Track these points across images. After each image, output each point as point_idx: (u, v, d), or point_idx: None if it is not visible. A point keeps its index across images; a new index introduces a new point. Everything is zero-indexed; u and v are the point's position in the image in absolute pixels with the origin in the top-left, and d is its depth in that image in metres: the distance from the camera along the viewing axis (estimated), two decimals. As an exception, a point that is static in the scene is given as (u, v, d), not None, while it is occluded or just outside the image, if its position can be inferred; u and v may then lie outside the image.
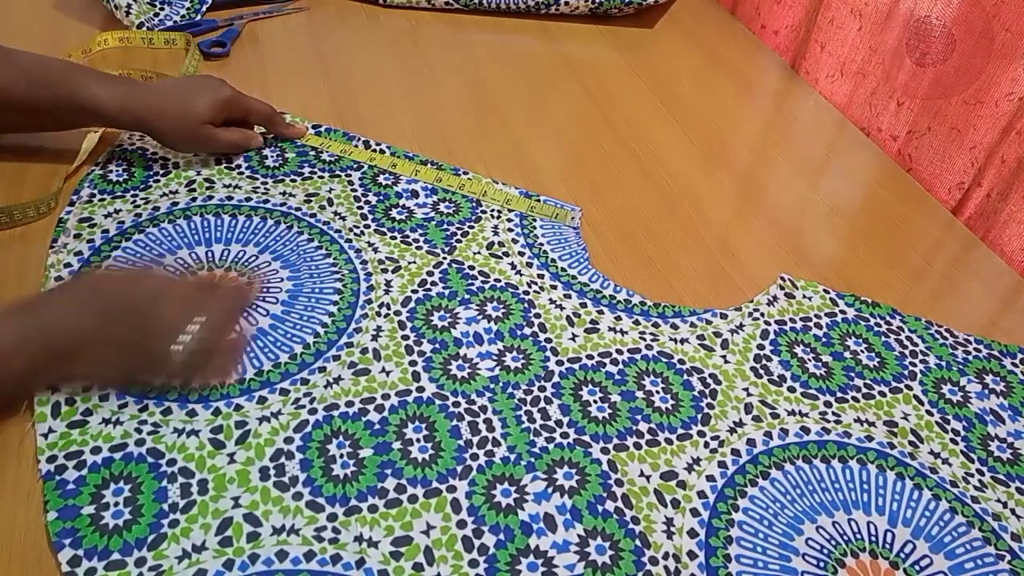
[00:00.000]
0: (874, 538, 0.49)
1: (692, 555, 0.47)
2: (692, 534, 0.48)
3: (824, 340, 0.62)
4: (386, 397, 0.53)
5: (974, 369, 0.61)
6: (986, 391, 0.59)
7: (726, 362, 0.59)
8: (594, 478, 0.50)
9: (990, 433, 0.56)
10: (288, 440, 0.50)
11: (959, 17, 0.75)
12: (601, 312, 0.61)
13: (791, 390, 0.57)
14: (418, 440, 0.51)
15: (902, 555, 0.49)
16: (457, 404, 0.54)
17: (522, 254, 0.66)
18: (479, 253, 0.65)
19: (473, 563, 0.46)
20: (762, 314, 0.63)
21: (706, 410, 0.55)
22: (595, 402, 0.55)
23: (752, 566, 0.47)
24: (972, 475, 0.54)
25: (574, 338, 0.59)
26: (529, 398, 0.55)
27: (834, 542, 0.49)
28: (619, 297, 0.63)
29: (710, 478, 0.51)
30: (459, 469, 0.50)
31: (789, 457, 0.53)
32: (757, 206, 0.75)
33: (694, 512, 0.49)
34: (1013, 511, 0.52)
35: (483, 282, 0.63)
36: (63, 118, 0.67)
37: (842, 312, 0.64)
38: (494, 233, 0.67)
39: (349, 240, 0.64)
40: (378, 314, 0.59)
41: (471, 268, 0.64)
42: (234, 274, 0.60)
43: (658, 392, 0.56)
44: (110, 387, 0.51)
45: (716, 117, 0.85)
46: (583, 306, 0.62)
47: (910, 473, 0.53)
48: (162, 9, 0.88)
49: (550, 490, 0.50)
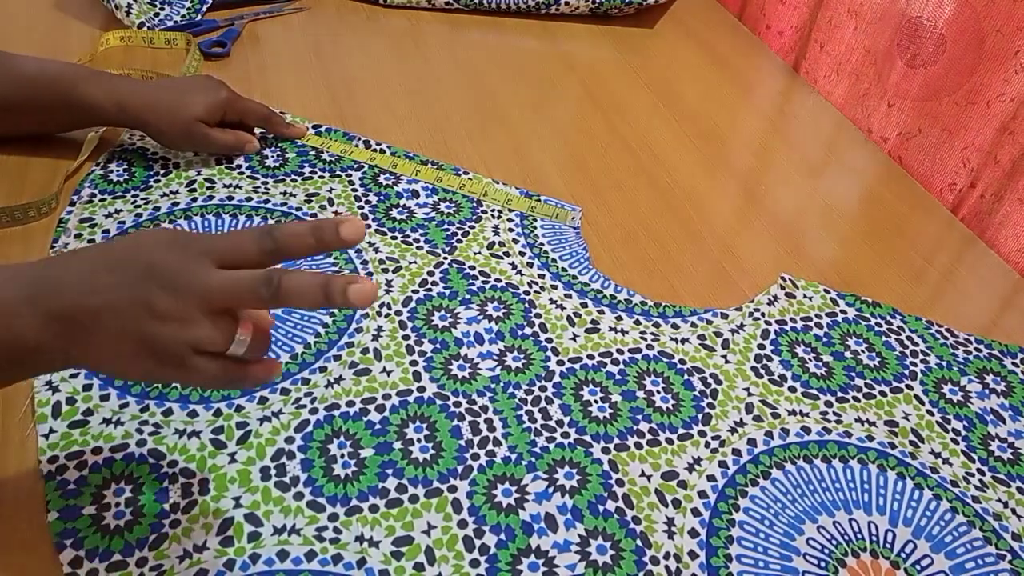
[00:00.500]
0: (875, 538, 0.49)
1: (693, 555, 0.47)
2: (693, 534, 0.48)
3: (825, 340, 0.62)
4: (387, 397, 0.53)
5: (975, 369, 0.61)
6: (987, 391, 0.59)
7: (727, 362, 0.59)
8: (595, 478, 0.50)
9: (991, 433, 0.56)
10: (289, 440, 0.50)
11: (950, 18, 0.75)
12: (602, 312, 0.61)
13: (792, 390, 0.58)
14: (419, 440, 0.51)
15: (903, 555, 0.49)
16: (458, 404, 0.54)
17: (523, 254, 0.66)
18: (480, 253, 0.65)
19: (474, 563, 0.46)
20: (763, 314, 0.63)
21: (707, 410, 0.55)
22: (596, 402, 0.55)
23: (753, 566, 0.47)
24: (973, 475, 0.54)
25: (575, 338, 0.59)
26: (530, 398, 0.55)
27: (835, 542, 0.49)
28: (620, 297, 0.63)
29: (711, 478, 0.51)
30: (460, 469, 0.50)
31: (790, 457, 0.53)
32: (758, 206, 0.75)
33: (695, 512, 0.49)
34: (1014, 511, 0.52)
35: (484, 282, 0.63)
36: (61, 119, 0.67)
37: (843, 312, 0.64)
38: (495, 233, 0.67)
39: (350, 240, 0.64)
40: (379, 314, 0.59)
41: (472, 268, 0.64)
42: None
43: (659, 392, 0.56)
44: (128, 379, 0.46)
45: (716, 117, 0.85)
46: (584, 306, 0.62)
47: (911, 473, 0.53)
48: (162, 9, 0.88)
49: (551, 490, 0.50)
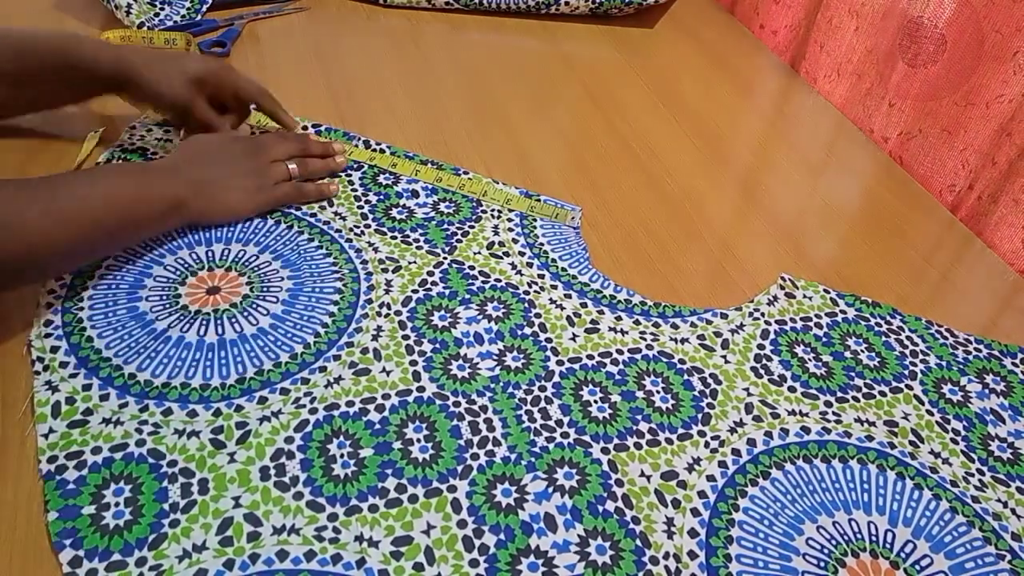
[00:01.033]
0: (874, 538, 0.49)
1: (693, 555, 0.47)
2: (693, 534, 0.48)
3: (824, 340, 0.62)
4: (386, 397, 0.53)
5: (974, 369, 0.61)
6: (986, 391, 0.59)
7: (726, 362, 0.59)
8: (594, 478, 0.50)
9: (990, 433, 0.56)
10: (289, 440, 0.50)
11: (951, 19, 0.75)
12: (601, 312, 0.61)
13: (791, 390, 0.57)
14: (418, 440, 0.51)
15: (902, 555, 0.49)
16: (457, 404, 0.54)
17: (522, 254, 0.66)
18: (479, 253, 0.65)
19: (473, 563, 0.46)
20: (762, 314, 0.63)
21: (706, 410, 0.55)
22: (595, 402, 0.55)
23: (752, 566, 0.47)
24: (972, 475, 0.54)
25: (574, 338, 0.59)
26: (529, 398, 0.55)
27: (834, 542, 0.49)
28: (619, 297, 0.63)
29: (710, 478, 0.51)
30: (459, 469, 0.50)
31: (789, 457, 0.53)
32: (757, 206, 0.75)
33: (695, 512, 0.49)
34: (1013, 511, 0.52)
35: (483, 282, 0.63)
36: (57, 87, 0.65)
37: (842, 312, 0.64)
38: (494, 233, 0.67)
39: (349, 240, 0.64)
40: (378, 314, 0.59)
41: (471, 268, 0.64)
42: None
43: (658, 392, 0.56)
44: (239, 217, 0.64)
45: (716, 117, 0.85)
46: (583, 306, 0.62)
47: (910, 473, 0.53)
48: (162, 9, 0.88)
49: (550, 490, 0.50)
